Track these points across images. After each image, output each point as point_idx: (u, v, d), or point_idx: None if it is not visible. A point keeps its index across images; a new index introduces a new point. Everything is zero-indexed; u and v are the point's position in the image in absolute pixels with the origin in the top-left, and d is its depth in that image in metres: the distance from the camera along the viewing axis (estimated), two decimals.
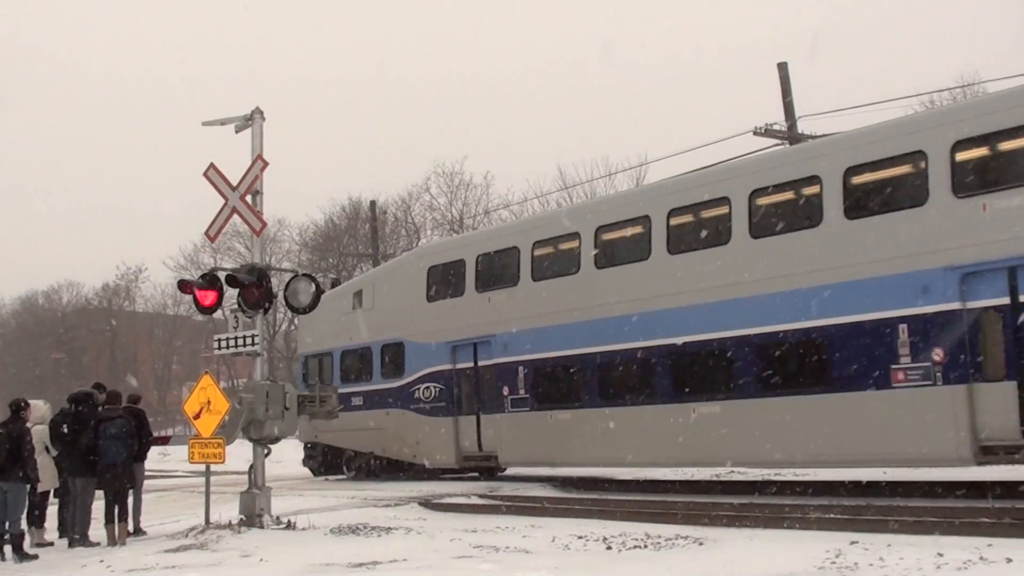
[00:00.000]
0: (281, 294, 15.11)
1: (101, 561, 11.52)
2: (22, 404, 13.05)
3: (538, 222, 21.58)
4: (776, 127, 25.47)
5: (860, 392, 13.54)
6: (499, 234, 20.73)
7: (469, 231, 44.52)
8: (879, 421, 13.38)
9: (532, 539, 11.45)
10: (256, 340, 14.39)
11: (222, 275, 14.59)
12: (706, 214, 15.99)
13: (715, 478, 18.80)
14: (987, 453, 12.60)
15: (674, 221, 16.21)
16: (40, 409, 14.26)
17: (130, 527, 14.18)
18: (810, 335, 14.18)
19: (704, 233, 15.99)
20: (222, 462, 13.96)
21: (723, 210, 15.47)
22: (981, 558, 8.49)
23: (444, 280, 20.44)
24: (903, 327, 13.11)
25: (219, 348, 14.76)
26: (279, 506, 14.50)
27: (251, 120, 14.85)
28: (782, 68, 25.45)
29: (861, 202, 13.90)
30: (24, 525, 12.99)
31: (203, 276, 14.93)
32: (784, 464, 15.94)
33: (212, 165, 14.74)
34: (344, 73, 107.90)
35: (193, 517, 14.94)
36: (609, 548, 10.57)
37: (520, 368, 18.32)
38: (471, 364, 19.47)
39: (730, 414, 15.11)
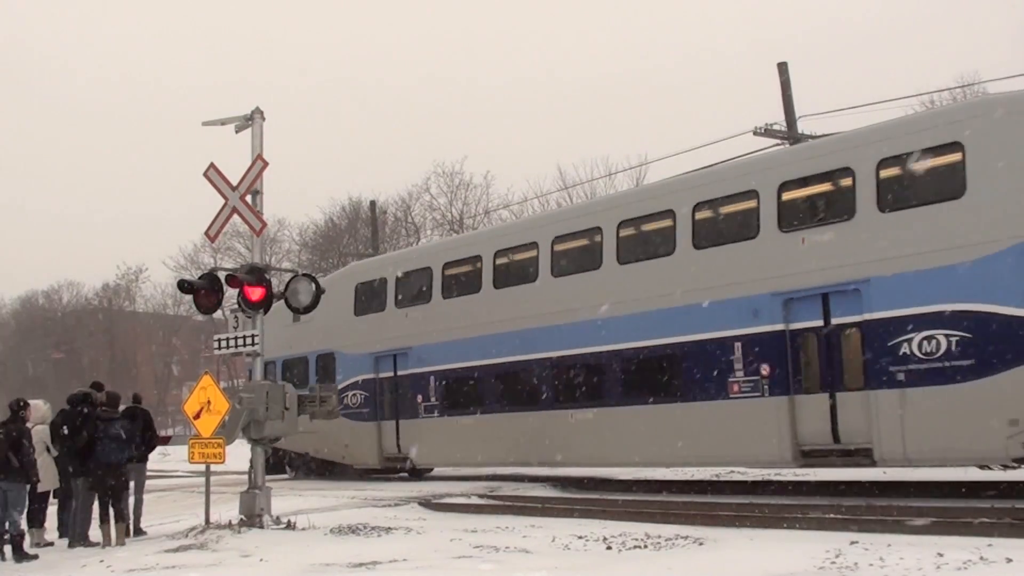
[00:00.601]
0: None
1: (101, 561, 11.52)
2: (22, 404, 13.05)
3: (448, 245, 24.18)
4: (776, 127, 25.49)
5: (704, 402, 15.48)
6: (416, 255, 23.30)
7: (469, 231, 44.55)
8: (720, 427, 15.21)
9: (532, 539, 11.44)
10: (256, 340, 14.39)
11: (222, 275, 14.59)
12: (582, 242, 17.98)
13: (715, 478, 18.81)
14: (806, 456, 14.45)
15: (557, 247, 18.28)
16: (40, 409, 14.25)
17: (130, 527, 14.21)
18: (665, 351, 16.09)
19: (580, 259, 18.01)
20: (222, 462, 13.97)
21: (596, 239, 17.43)
22: (981, 558, 8.49)
23: (369, 296, 22.38)
24: (738, 345, 15.00)
25: (219, 348, 14.76)
26: (279, 506, 14.50)
27: (251, 120, 14.84)
28: (782, 68, 25.44)
29: (706, 234, 15.87)
30: (24, 525, 12.98)
31: (203, 276, 14.93)
32: (647, 464, 17.95)
33: (212, 165, 14.73)
34: (345, 73, 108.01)
35: (193, 517, 14.94)
36: (609, 548, 10.57)
37: (431, 378, 20.33)
38: (391, 373, 21.37)
39: (601, 420, 17.01)
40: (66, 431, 13.64)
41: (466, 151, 64.69)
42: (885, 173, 13.69)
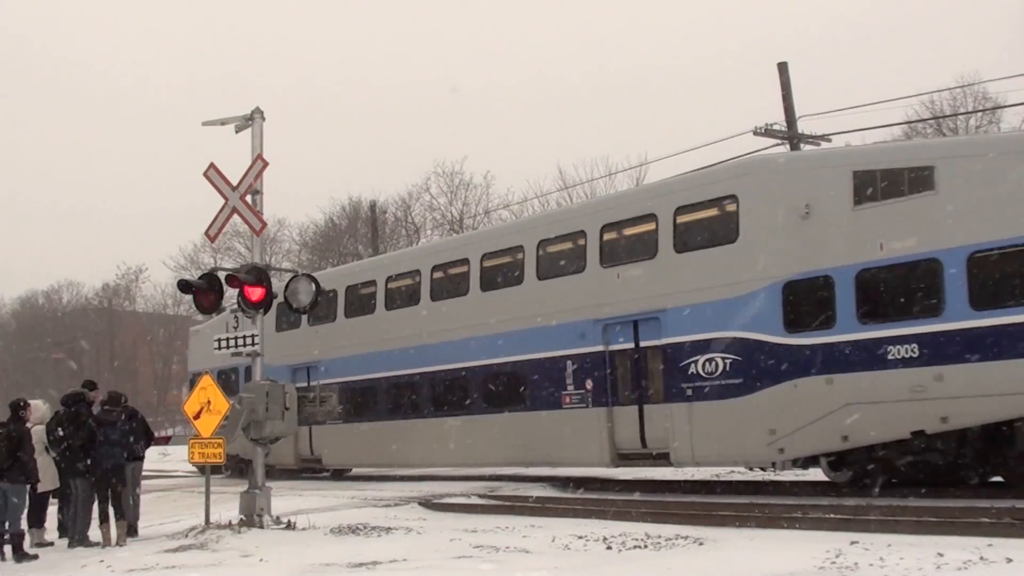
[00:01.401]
0: (281, 294, 15.14)
1: (101, 561, 11.52)
2: (21, 404, 13.05)
3: (354, 269, 26.70)
4: (776, 127, 25.50)
5: (544, 411, 17.90)
6: (324, 279, 24.65)
7: (469, 231, 44.55)
8: (556, 433, 17.60)
9: (532, 539, 11.44)
10: (256, 340, 14.39)
11: (222, 275, 14.59)
12: (454, 271, 20.62)
13: (715, 478, 18.82)
14: (622, 459, 16.84)
15: (434, 275, 20.88)
16: (40, 409, 14.25)
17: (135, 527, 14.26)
18: (515, 368, 18.56)
19: (453, 286, 20.53)
20: (222, 462, 13.97)
21: (464, 269, 20.08)
22: (981, 558, 8.49)
23: (287, 314, 23.92)
24: (568, 363, 17.45)
25: (219, 348, 14.77)
26: (279, 506, 14.51)
27: (251, 120, 14.85)
28: (782, 68, 25.45)
29: (547, 268, 18.41)
30: (24, 525, 12.98)
31: (203, 276, 14.94)
32: (505, 465, 20.47)
33: (212, 165, 14.74)
34: (345, 73, 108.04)
35: (193, 517, 14.94)
36: (609, 548, 10.57)
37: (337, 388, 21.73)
38: (306, 384, 22.66)
39: (467, 427, 19.45)
40: (60, 433, 13.64)
41: (466, 151, 64.80)
42: (680, 219, 16.24)
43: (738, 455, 15.69)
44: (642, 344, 16.35)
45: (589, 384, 17.07)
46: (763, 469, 16.71)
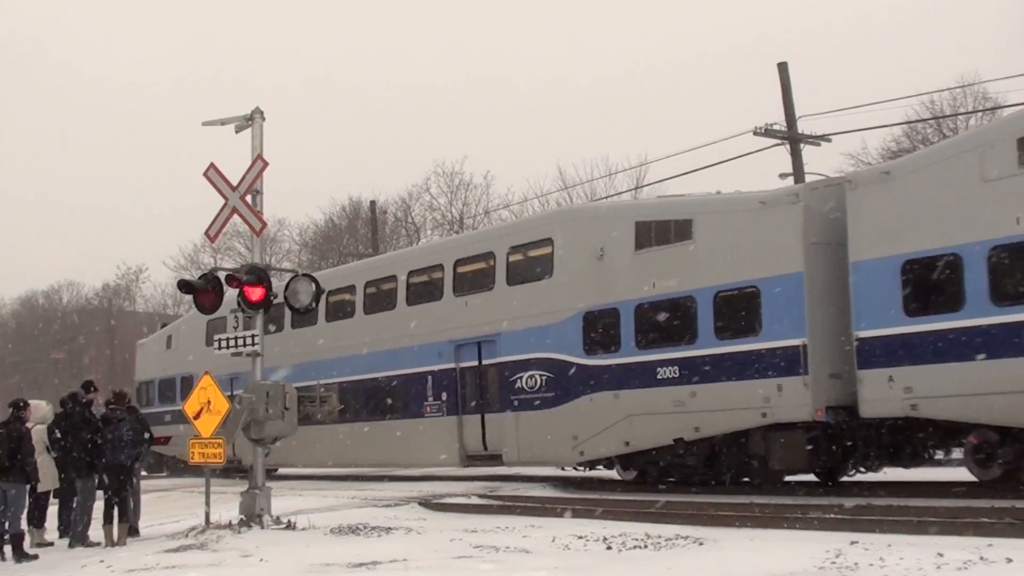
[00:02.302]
0: (282, 294, 15.16)
1: (101, 561, 11.52)
2: (21, 404, 13.06)
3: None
4: (776, 127, 25.50)
5: (411, 419, 20.92)
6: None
7: (470, 231, 44.62)
8: (422, 438, 20.57)
9: (532, 539, 11.45)
10: (256, 340, 14.39)
11: (222, 275, 14.60)
12: (345, 297, 24.04)
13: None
14: (470, 460, 19.85)
15: (330, 300, 23.67)
16: (41, 409, 14.27)
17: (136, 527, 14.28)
18: (390, 380, 21.72)
19: (343, 309, 24.12)
20: (222, 462, 13.98)
21: (351, 296, 23.52)
22: (981, 558, 8.49)
23: (219, 330, 26.98)
24: (429, 378, 20.51)
25: (219, 348, 14.77)
26: (279, 506, 14.51)
27: (251, 120, 14.84)
28: (782, 68, 25.46)
29: (413, 295, 21.56)
30: (24, 525, 12.99)
31: (203, 276, 14.94)
32: (385, 466, 23.85)
33: (212, 165, 14.74)
34: (345, 73, 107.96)
35: (193, 517, 14.94)
36: (609, 548, 10.57)
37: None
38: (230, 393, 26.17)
39: (355, 432, 22.26)
40: (59, 434, 13.64)
41: (466, 151, 64.59)
42: (512, 257, 19.37)
43: (552, 457, 18.80)
44: (484, 362, 19.44)
45: (444, 396, 20.19)
46: (576, 469, 19.58)
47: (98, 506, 13.81)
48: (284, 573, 9.94)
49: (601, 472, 19.69)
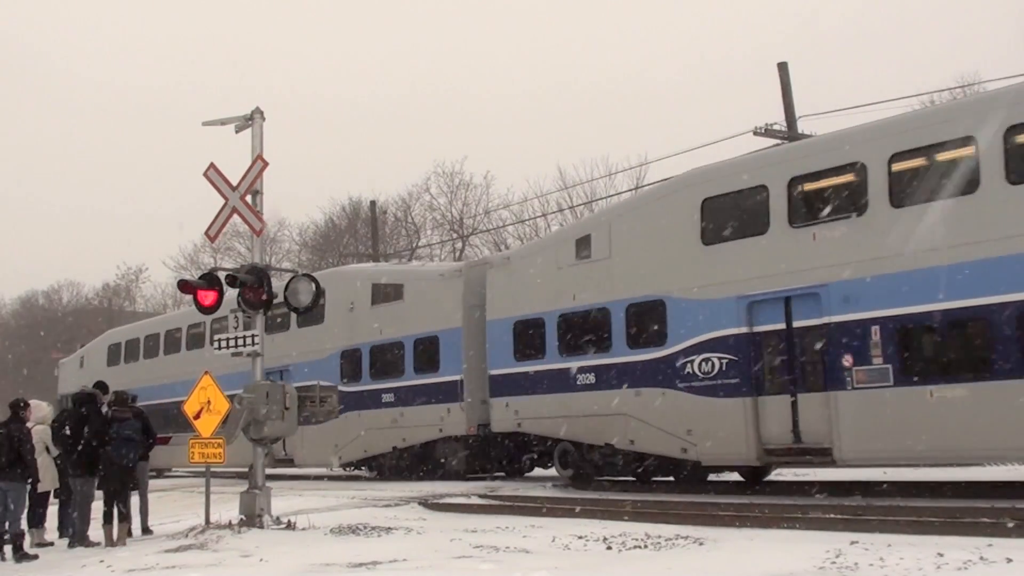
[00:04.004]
0: (281, 294, 15.17)
1: (101, 561, 11.52)
2: (21, 404, 13.05)
3: (166, 319, 34.72)
4: (776, 127, 25.49)
5: None
6: (149, 325, 34.45)
7: (467, 230, 44.64)
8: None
9: (532, 539, 11.45)
10: (256, 340, 14.39)
11: (222, 275, 14.60)
12: (175, 336, 30.07)
13: (715, 478, 18.81)
14: (278, 462, 24.18)
15: (166, 338, 31.18)
16: (42, 409, 14.26)
17: (138, 526, 14.32)
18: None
19: (174, 344, 30.14)
20: (222, 462, 13.98)
21: (283, 315, 26.02)
22: (981, 558, 8.49)
23: (117, 352, 33.78)
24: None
25: (219, 348, 14.77)
26: (279, 506, 14.51)
27: (251, 120, 14.83)
28: (782, 68, 25.43)
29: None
30: (24, 525, 12.99)
31: (203, 276, 14.94)
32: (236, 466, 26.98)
33: (212, 165, 14.73)
34: (345, 73, 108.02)
35: (193, 517, 14.95)
36: (609, 548, 10.57)
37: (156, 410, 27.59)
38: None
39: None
40: (68, 432, 13.64)
41: (466, 151, 64.66)
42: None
43: (323, 461, 24.03)
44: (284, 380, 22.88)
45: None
46: (344, 470, 25.16)
47: (98, 506, 13.81)
48: (284, 573, 9.94)
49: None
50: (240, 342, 14.43)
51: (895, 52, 71.62)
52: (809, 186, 15.00)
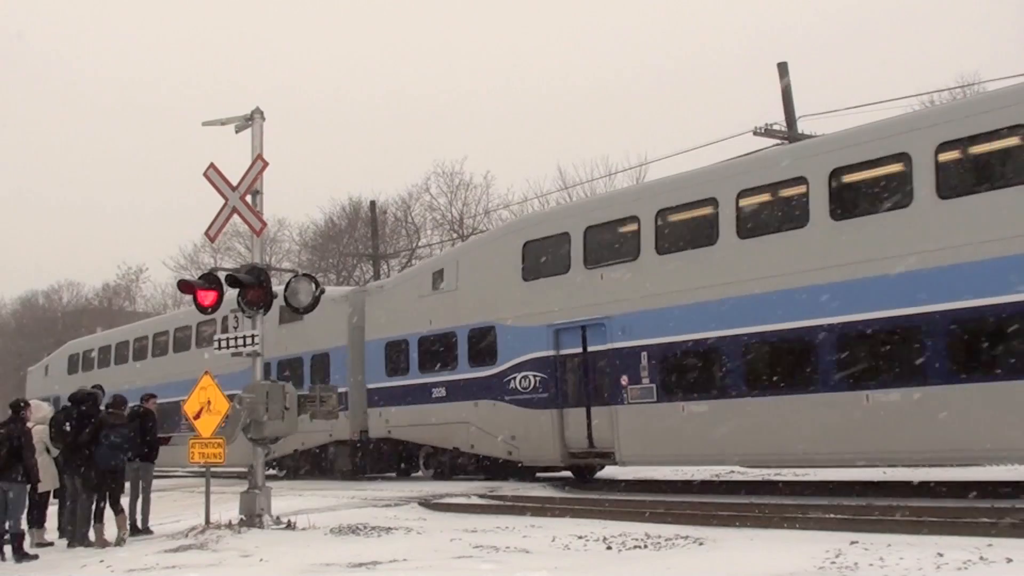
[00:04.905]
0: (281, 294, 15.18)
1: (101, 561, 11.53)
2: (21, 404, 13.04)
3: (105, 337, 37.13)
4: (776, 127, 25.50)
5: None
6: (94, 340, 37.24)
7: (467, 230, 44.70)
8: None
9: (532, 539, 11.45)
10: (256, 340, 14.40)
11: (222, 275, 14.60)
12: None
13: (715, 478, 18.82)
14: None
15: (119, 349, 34.00)
16: (42, 409, 14.26)
17: (139, 525, 14.37)
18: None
19: (123, 355, 33.24)
20: (222, 462, 13.98)
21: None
22: (981, 558, 8.49)
23: (80, 362, 36.38)
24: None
25: (219, 348, 14.77)
26: (279, 506, 14.51)
27: (251, 120, 14.84)
28: (782, 69, 25.44)
29: (138, 352, 31.89)
30: (24, 525, 12.98)
31: (203, 276, 14.94)
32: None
33: (212, 165, 14.73)
34: (345, 74, 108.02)
35: (193, 517, 14.94)
36: (609, 548, 10.57)
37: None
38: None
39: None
40: (68, 427, 13.63)
41: (466, 151, 64.72)
42: (202, 329, 27.92)
43: (244, 462, 24.69)
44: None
45: None
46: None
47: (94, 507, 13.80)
48: (284, 573, 9.94)
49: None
50: (240, 342, 14.42)
51: (895, 52, 71.66)
52: (598, 235, 18.00)
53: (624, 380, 16.93)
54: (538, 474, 20.12)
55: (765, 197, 15.76)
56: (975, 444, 13.10)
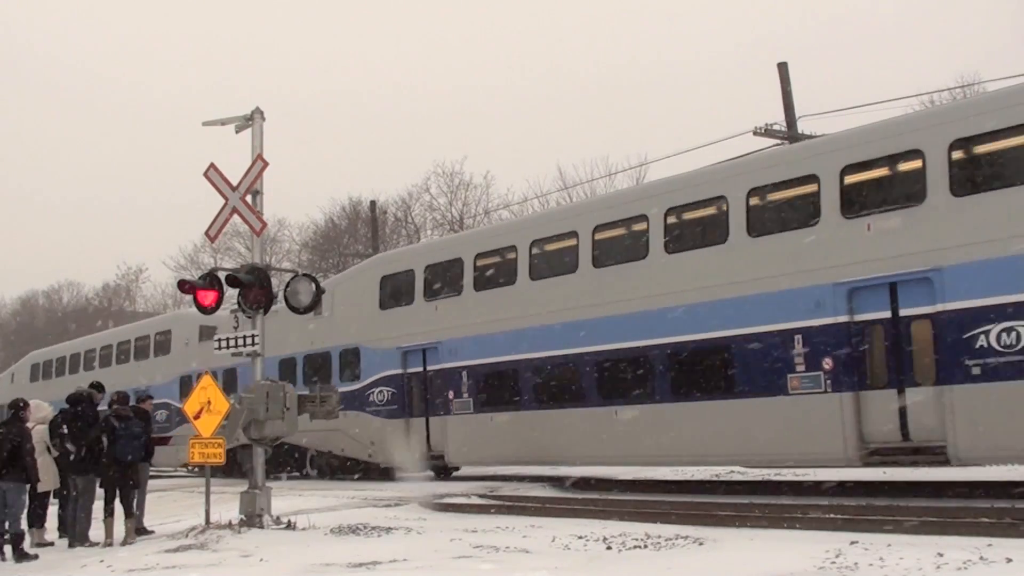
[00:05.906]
0: (281, 294, 15.18)
1: (101, 561, 11.53)
2: (21, 404, 13.04)
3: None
4: (776, 127, 25.51)
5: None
6: (58, 350, 39.59)
7: (468, 230, 44.73)
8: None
9: (532, 539, 11.44)
10: (256, 340, 14.39)
11: (222, 275, 14.60)
12: (158, 338, 32.50)
13: (715, 478, 18.82)
14: None
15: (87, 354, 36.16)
16: (42, 409, 14.25)
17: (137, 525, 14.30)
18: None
19: (75, 366, 35.73)
20: (222, 462, 13.99)
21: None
22: (981, 558, 8.48)
23: (41, 371, 38.85)
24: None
25: (219, 348, 14.77)
26: (279, 506, 14.51)
27: (251, 120, 14.83)
28: (782, 68, 25.45)
29: (103, 359, 34.57)
30: (24, 525, 12.98)
31: (203, 276, 14.94)
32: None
33: (212, 165, 14.73)
34: (345, 74, 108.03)
35: (193, 517, 14.95)
36: (609, 548, 10.57)
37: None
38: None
39: None
40: (66, 430, 13.65)
41: (466, 151, 64.72)
42: (158, 339, 31.27)
43: (176, 463, 27.97)
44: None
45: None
46: (187, 470, 29.17)
47: (98, 506, 13.81)
48: (284, 573, 9.94)
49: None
50: (240, 342, 14.43)
51: (895, 52, 71.67)
52: (434, 272, 21.03)
53: (451, 394, 20.25)
54: (398, 474, 21.76)
55: (553, 246, 18.83)
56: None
